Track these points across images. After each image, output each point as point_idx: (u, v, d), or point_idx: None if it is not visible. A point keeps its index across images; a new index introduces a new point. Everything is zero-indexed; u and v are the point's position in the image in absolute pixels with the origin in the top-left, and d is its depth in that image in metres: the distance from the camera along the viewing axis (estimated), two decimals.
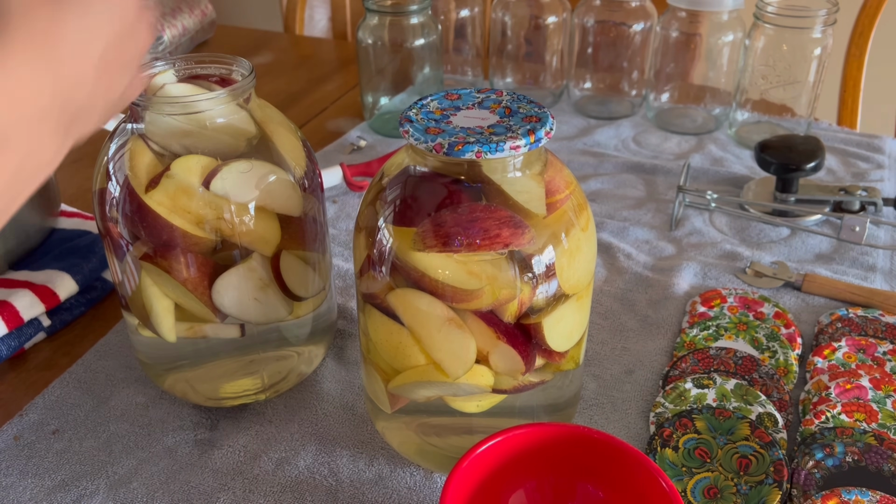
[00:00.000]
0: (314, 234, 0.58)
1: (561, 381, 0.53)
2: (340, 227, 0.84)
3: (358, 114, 1.10)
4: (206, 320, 0.55)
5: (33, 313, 0.67)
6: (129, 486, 0.55)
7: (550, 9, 1.03)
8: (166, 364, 0.59)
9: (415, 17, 0.97)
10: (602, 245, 0.80)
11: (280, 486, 0.55)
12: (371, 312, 0.50)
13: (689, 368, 0.62)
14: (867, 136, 1.00)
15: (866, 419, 0.57)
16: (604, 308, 0.72)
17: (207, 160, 0.51)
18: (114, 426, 0.60)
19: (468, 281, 0.45)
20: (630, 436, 0.58)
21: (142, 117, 0.52)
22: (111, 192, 0.52)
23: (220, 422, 0.60)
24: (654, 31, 1.00)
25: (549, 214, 0.46)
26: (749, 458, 0.54)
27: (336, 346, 0.67)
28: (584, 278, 0.49)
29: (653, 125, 1.05)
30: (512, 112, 0.47)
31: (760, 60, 0.94)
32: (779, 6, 0.90)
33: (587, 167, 0.96)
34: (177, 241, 0.51)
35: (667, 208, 0.87)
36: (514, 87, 1.10)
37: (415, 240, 0.45)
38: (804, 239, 0.81)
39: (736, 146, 0.99)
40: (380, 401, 0.53)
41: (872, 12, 1.16)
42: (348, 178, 0.88)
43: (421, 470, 0.56)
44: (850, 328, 0.66)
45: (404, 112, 0.47)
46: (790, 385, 0.61)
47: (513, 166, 0.46)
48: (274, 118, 0.56)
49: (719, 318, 0.68)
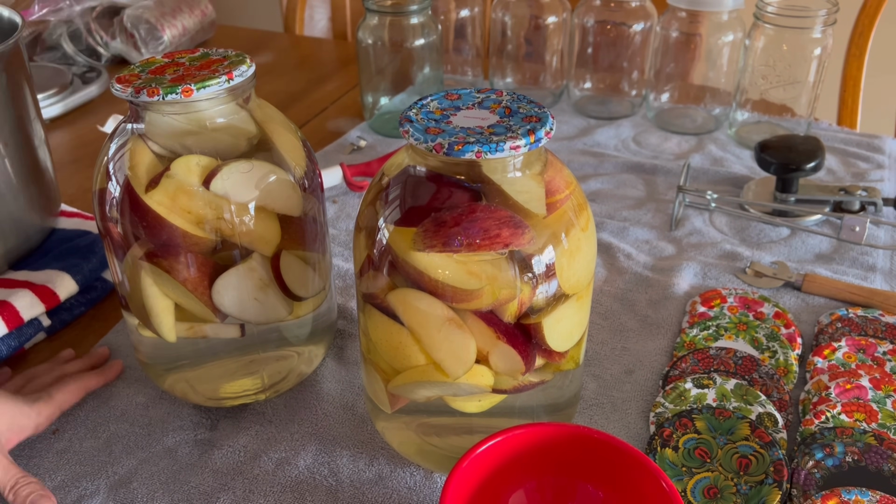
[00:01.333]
0: (314, 234, 0.58)
1: (561, 381, 0.53)
2: (340, 227, 0.84)
3: (358, 114, 1.10)
4: (206, 320, 0.55)
5: (33, 313, 0.67)
6: (129, 486, 0.55)
7: (550, 9, 1.03)
8: (166, 364, 0.59)
9: (415, 17, 0.97)
10: (602, 245, 0.80)
11: (280, 486, 0.55)
12: (371, 312, 0.50)
13: (689, 368, 0.62)
14: (867, 136, 1.00)
15: (866, 419, 0.57)
16: (604, 308, 0.72)
17: (207, 160, 0.51)
18: (114, 426, 0.60)
19: (468, 281, 0.45)
20: (630, 436, 0.58)
21: (142, 117, 0.52)
22: (111, 192, 0.52)
23: (220, 422, 0.60)
24: (654, 31, 1.00)
25: (549, 214, 0.46)
26: (749, 458, 0.54)
27: (336, 346, 0.67)
28: (584, 278, 0.49)
29: (653, 125, 1.05)
30: (512, 112, 0.47)
31: (760, 60, 0.94)
32: (779, 6, 0.90)
33: (587, 167, 0.96)
34: (177, 241, 0.51)
35: (667, 208, 0.87)
36: (514, 87, 1.10)
37: (415, 240, 0.45)
38: (804, 239, 0.81)
39: (736, 146, 0.99)
40: (380, 401, 0.54)
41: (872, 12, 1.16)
42: (348, 178, 0.88)
43: (421, 470, 0.56)
44: (849, 328, 0.66)
45: (404, 112, 0.47)
46: (790, 385, 0.62)
47: (513, 166, 0.46)
48: (274, 118, 0.56)
49: (719, 318, 0.68)
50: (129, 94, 0.49)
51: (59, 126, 1.07)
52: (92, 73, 1.17)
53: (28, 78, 0.72)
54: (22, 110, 0.71)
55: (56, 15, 1.20)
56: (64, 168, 0.96)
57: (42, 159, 0.75)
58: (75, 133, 1.05)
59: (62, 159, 0.98)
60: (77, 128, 1.07)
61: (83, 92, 1.12)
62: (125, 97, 0.50)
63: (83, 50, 1.23)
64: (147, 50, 1.22)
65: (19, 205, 0.71)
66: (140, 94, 0.49)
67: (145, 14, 1.22)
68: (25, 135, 0.72)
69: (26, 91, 0.72)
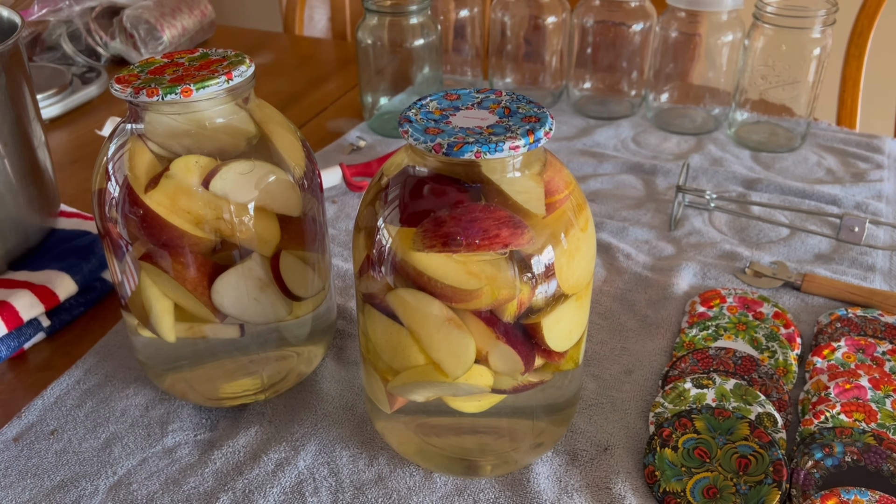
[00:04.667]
0: (313, 234, 0.58)
1: (560, 381, 0.53)
2: (340, 227, 0.84)
3: (357, 114, 1.10)
4: (206, 320, 0.55)
5: (33, 313, 0.67)
6: (128, 486, 0.55)
7: (550, 9, 1.03)
8: (166, 364, 0.59)
9: (414, 18, 0.97)
10: (601, 245, 0.80)
11: (280, 486, 0.55)
12: (370, 312, 0.50)
13: (689, 368, 0.62)
14: (866, 136, 1.00)
15: (865, 419, 0.57)
16: (603, 308, 0.72)
17: (207, 160, 0.51)
18: (113, 426, 0.60)
19: (467, 281, 0.45)
20: (630, 436, 0.58)
21: (141, 117, 0.52)
22: (111, 192, 0.52)
23: (220, 422, 0.60)
24: (654, 31, 1.01)
25: (548, 214, 0.46)
26: (748, 458, 0.54)
27: (336, 346, 0.67)
28: (583, 278, 0.49)
29: (652, 125, 1.05)
30: (511, 112, 0.47)
31: (760, 60, 0.94)
32: (778, 6, 0.90)
33: (587, 167, 0.96)
34: (176, 241, 0.51)
35: (666, 208, 0.87)
36: (513, 87, 1.10)
37: (414, 240, 0.45)
38: (803, 239, 0.81)
39: (735, 146, 0.99)
40: (379, 401, 0.54)
41: (872, 12, 1.16)
42: (348, 178, 0.88)
43: (421, 470, 0.56)
44: (849, 328, 0.66)
45: (404, 112, 0.47)
46: (789, 385, 0.62)
47: (512, 166, 0.46)
48: (273, 118, 0.56)
49: (718, 318, 0.68)
50: (129, 94, 0.49)
51: (59, 126, 1.07)
52: (91, 73, 1.17)
53: (27, 78, 0.72)
54: (21, 110, 0.71)
55: (55, 15, 1.21)
56: (63, 168, 0.96)
57: (41, 159, 0.75)
58: (75, 133, 1.05)
59: (62, 159, 0.98)
60: (76, 128, 1.07)
61: (83, 92, 1.12)
62: (124, 97, 0.50)
63: (82, 50, 1.23)
64: (146, 50, 1.22)
65: (19, 205, 0.71)
66: (139, 95, 0.49)
67: (145, 14, 1.22)
68: (25, 135, 0.72)
69: (26, 91, 0.72)
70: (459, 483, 0.55)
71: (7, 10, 0.76)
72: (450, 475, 0.55)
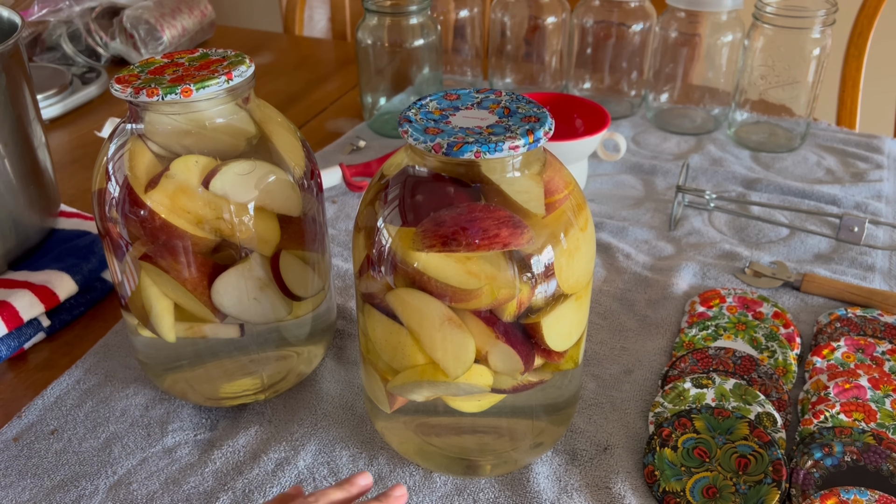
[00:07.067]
0: (313, 234, 0.58)
1: (560, 381, 0.53)
2: (340, 227, 0.84)
3: (357, 114, 1.10)
4: (206, 320, 0.55)
5: (33, 313, 0.67)
6: (128, 486, 0.55)
7: (549, 9, 1.03)
8: (166, 364, 0.59)
9: (414, 18, 0.97)
10: (601, 245, 0.80)
11: (280, 486, 0.55)
12: (370, 312, 0.50)
13: (688, 368, 0.62)
14: (866, 136, 1.01)
15: (865, 419, 0.57)
16: (603, 308, 0.72)
17: (207, 160, 0.51)
18: (113, 426, 0.60)
19: (467, 281, 0.45)
20: (629, 435, 0.58)
21: (141, 117, 0.52)
22: (111, 192, 0.52)
23: (220, 422, 0.60)
24: (654, 31, 1.01)
25: (547, 214, 0.46)
26: (748, 457, 0.54)
27: (335, 346, 0.67)
28: (582, 278, 0.49)
29: (652, 125, 1.05)
30: (511, 112, 0.47)
31: (759, 61, 0.94)
32: (778, 7, 0.90)
33: None
34: (176, 241, 0.51)
35: (666, 208, 0.87)
36: (513, 87, 1.10)
37: (414, 240, 0.45)
38: (803, 239, 0.81)
39: (735, 146, 0.99)
40: (379, 401, 0.54)
41: (871, 12, 1.16)
42: (347, 178, 0.88)
43: (421, 470, 0.56)
44: (848, 328, 0.66)
45: (403, 112, 0.47)
46: (789, 385, 0.62)
47: (512, 166, 0.46)
48: (273, 118, 0.56)
49: (718, 318, 0.68)
50: (129, 94, 0.49)
51: (59, 126, 1.07)
52: (91, 73, 1.17)
53: (28, 78, 0.72)
54: (21, 111, 0.71)
55: (56, 15, 1.21)
56: (63, 168, 0.96)
57: (41, 160, 0.75)
58: (75, 133, 1.05)
59: (62, 160, 0.98)
60: (76, 128, 1.07)
61: (83, 92, 1.12)
62: (125, 97, 0.50)
63: (83, 50, 1.23)
64: (146, 50, 1.22)
65: (19, 205, 0.71)
66: (139, 95, 0.49)
67: (145, 14, 1.22)
68: (25, 135, 0.72)
69: (26, 91, 0.72)
70: (459, 483, 0.55)
71: (7, 11, 0.76)
72: (449, 475, 0.55)
